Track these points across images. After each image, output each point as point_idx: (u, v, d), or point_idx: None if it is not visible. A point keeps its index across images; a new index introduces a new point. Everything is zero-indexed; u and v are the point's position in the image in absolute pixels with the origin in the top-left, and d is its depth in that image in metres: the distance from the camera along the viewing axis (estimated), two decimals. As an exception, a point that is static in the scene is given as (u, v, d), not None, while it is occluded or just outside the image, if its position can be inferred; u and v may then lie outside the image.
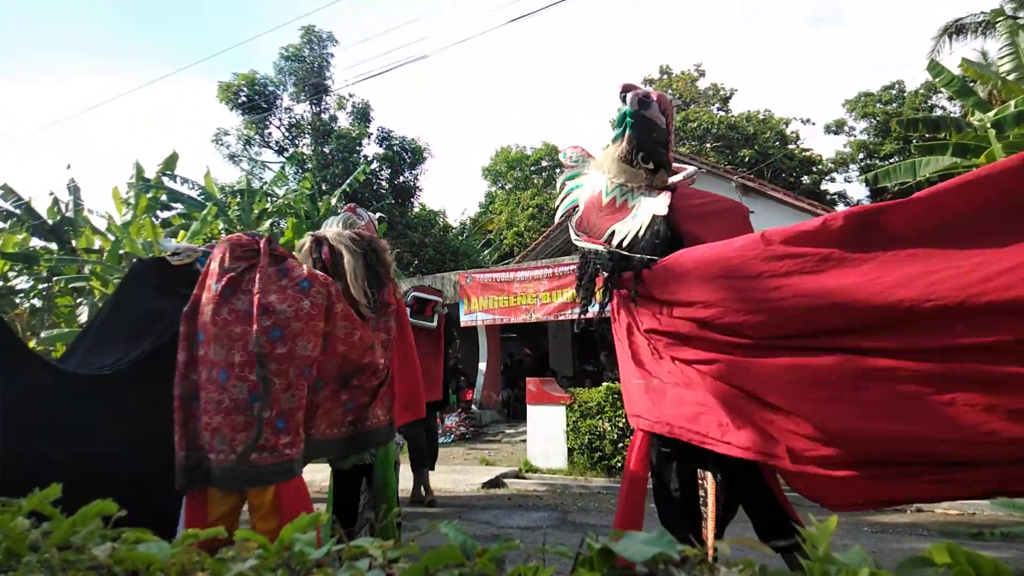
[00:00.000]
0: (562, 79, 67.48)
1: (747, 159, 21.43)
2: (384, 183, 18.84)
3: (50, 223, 11.59)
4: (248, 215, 11.67)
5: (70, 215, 11.86)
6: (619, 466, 6.41)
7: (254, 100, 18.26)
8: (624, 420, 6.22)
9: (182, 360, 2.33)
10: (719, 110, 24.93)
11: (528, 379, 7.79)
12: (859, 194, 24.46)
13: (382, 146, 18.98)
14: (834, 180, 25.10)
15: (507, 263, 16.12)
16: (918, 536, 4.29)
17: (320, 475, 5.55)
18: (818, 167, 24.27)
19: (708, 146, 22.68)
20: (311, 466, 2.98)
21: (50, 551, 0.69)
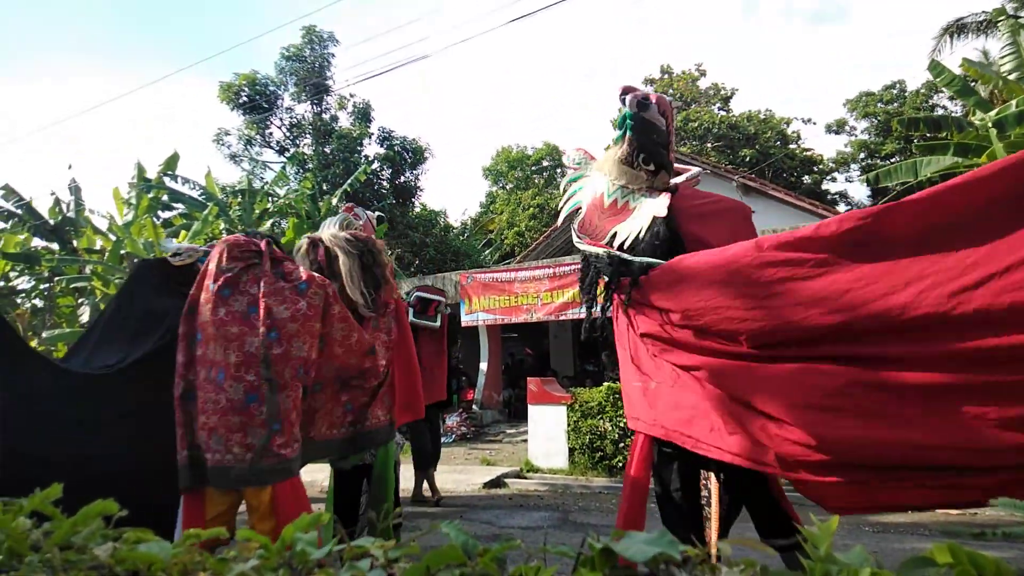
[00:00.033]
0: (563, 79, 67.55)
1: (748, 159, 21.42)
2: (385, 183, 18.83)
3: (51, 223, 11.61)
4: (249, 215, 11.68)
5: (71, 215, 11.88)
6: (620, 466, 6.41)
7: (255, 100, 18.26)
8: (625, 420, 6.21)
9: (181, 360, 2.34)
10: (720, 110, 24.93)
11: (529, 379, 7.78)
12: (860, 194, 24.49)
13: (383, 146, 18.98)
14: (835, 180, 25.12)
15: (508, 263, 16.12)
16: (920, 536, 4.28)
17: (320, 475, 5.56)
18: (819, 167, 24.26)
19: (709, 146, 22.68)
20: (311, 466, 2.98)
21: (51, 551, 0.69)
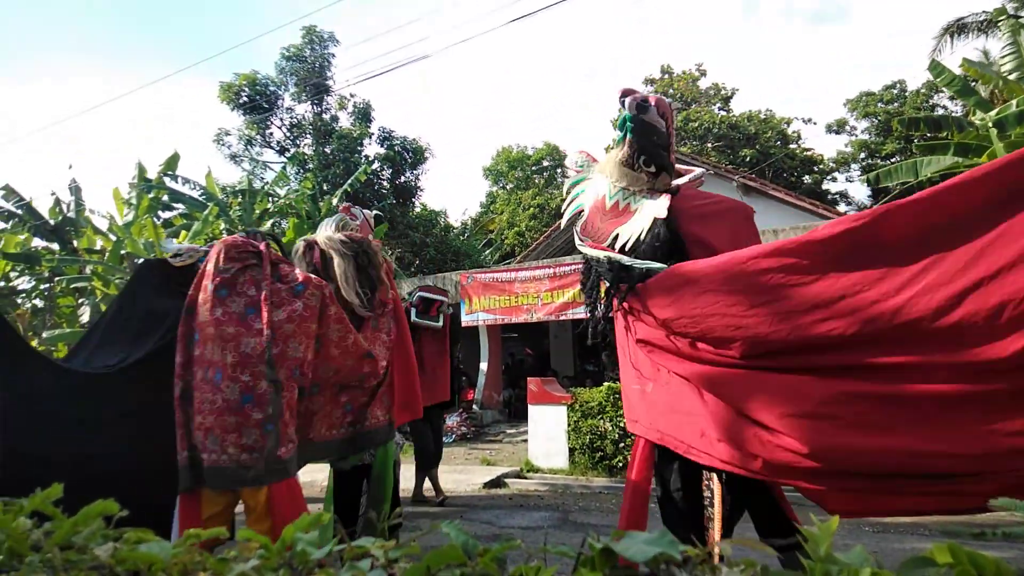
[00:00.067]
0: (563, 79, 67.52)
1: (748, 159, 21.42)
2: (385, 183, 18.82)
3: (52, 223, 11.61)
4: (249, 215, 11.68)
5: (72, 215, 11.88)
6: (620, 466, 6.40)
7: (255, 100, 18.25)
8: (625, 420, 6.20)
9: (179, 361, 2.34)
10: (720, 110, 24.92)
11: (529, 379, 7.77)
12: (860, 194, 24.48)
13: (383, 146, 18.96)
14: (835, 180, 25.11)
15: (508, 263, 16.13)
16: (920, 536, 4.28)
17: (320, 475, 5.56)
18: (819, 167, 24.25)
19: (709, 146, 22.67)
20: (311, 466, 2.98)
21: (52, 551, 0.69)
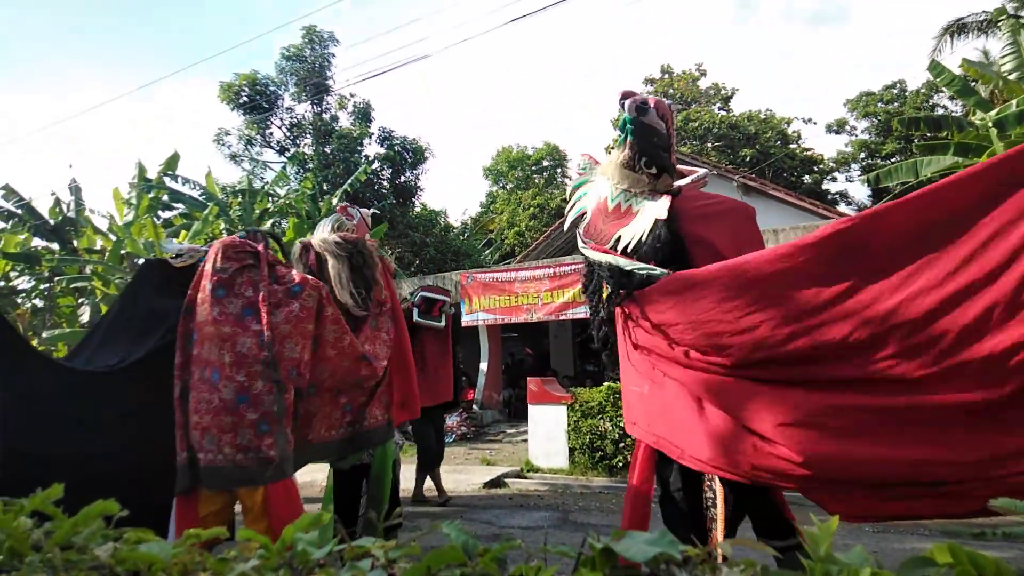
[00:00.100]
0: (563, 79, 67.50)
1: (748, 159, 21.41)
2: (385, 183, 18.81)
3: (52, 223, 11.61)
4: (249, 215, 11.67)
5: (72, 215, 11.87)
6: (620, 466, 6.40)
7: (255, 100, 18.24)
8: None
9: (178, 360, 2.35)
10: (720, 110, 24.92)
11: (529, 379, 7.77)
12: (861, 194, 24.48)
13: (383, 146, 18.95)
14: (835, 179, 25.10)
15: (508, 263, 16.12)
16: (920, 536, 4.27)
17: (320, 475, 5.56)
18: (820, 167, 24.24)
19: (709, 146, 22.67)
20: (310, 466, 2.98)
21: (52, 551, 0.69)
